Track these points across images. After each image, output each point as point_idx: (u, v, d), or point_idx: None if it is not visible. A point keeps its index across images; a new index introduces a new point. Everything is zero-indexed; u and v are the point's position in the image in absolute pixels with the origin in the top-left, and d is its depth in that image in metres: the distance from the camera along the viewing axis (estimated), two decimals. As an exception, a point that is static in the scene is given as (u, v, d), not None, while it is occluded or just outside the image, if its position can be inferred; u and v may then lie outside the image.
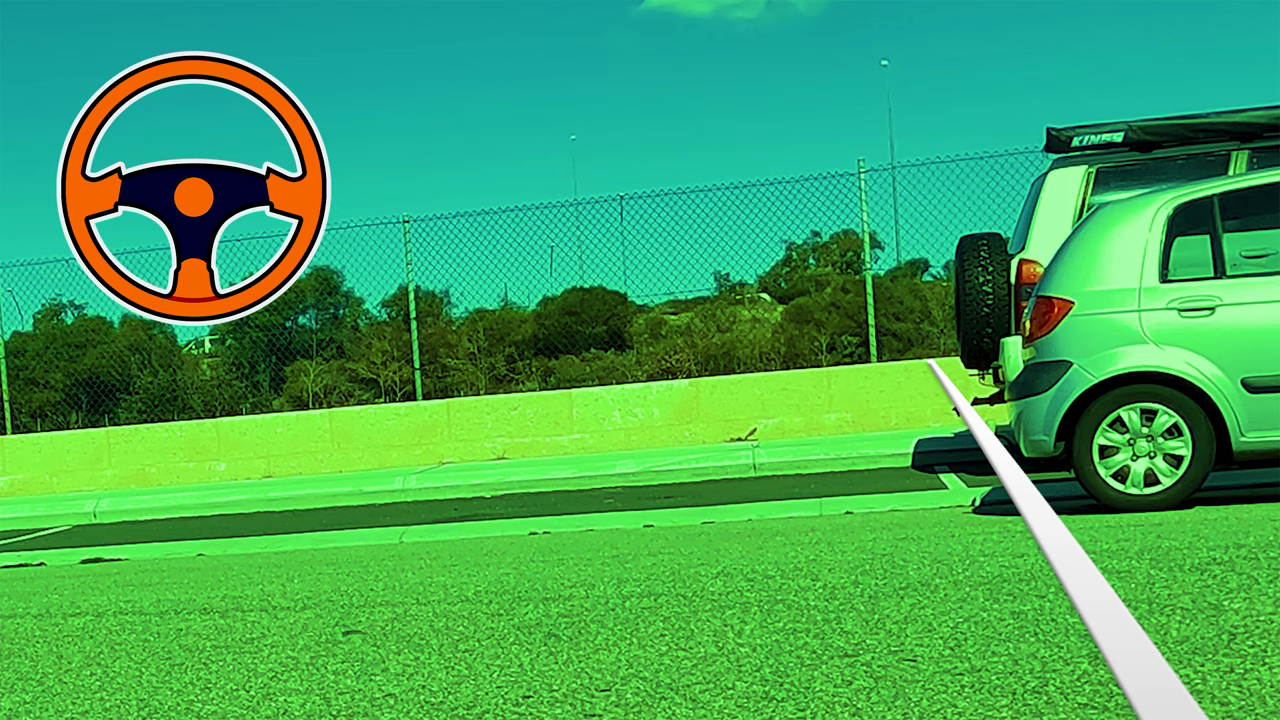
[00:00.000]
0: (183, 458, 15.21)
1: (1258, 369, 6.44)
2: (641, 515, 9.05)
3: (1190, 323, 6.54)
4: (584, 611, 4.65)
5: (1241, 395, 6.44)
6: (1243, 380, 6.44)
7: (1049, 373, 6.78)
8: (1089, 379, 6.61)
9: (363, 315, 24.27)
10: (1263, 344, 6.47)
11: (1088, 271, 6.79)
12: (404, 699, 3.43)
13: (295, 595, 5.95)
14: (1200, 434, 6.47)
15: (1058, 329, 6.79)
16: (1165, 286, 6.61)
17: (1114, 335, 6.62)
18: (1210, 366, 6.47)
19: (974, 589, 4.39)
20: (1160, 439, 6.54)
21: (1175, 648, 3.23)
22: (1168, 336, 6.55)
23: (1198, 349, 6.50)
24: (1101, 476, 6.61)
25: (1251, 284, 6.56)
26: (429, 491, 12.60)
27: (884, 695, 3.00)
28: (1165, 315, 6.56)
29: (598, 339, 22.53)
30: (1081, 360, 6.66)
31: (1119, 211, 6.97)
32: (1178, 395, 6.52)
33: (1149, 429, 6.56)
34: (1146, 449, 6.56)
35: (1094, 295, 6.72)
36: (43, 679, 4.23)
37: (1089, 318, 6.69)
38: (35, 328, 23.49)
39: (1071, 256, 6.97)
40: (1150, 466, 6.55)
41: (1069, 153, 8.66)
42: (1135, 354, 6.57)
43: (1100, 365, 6.60)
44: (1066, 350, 6.73)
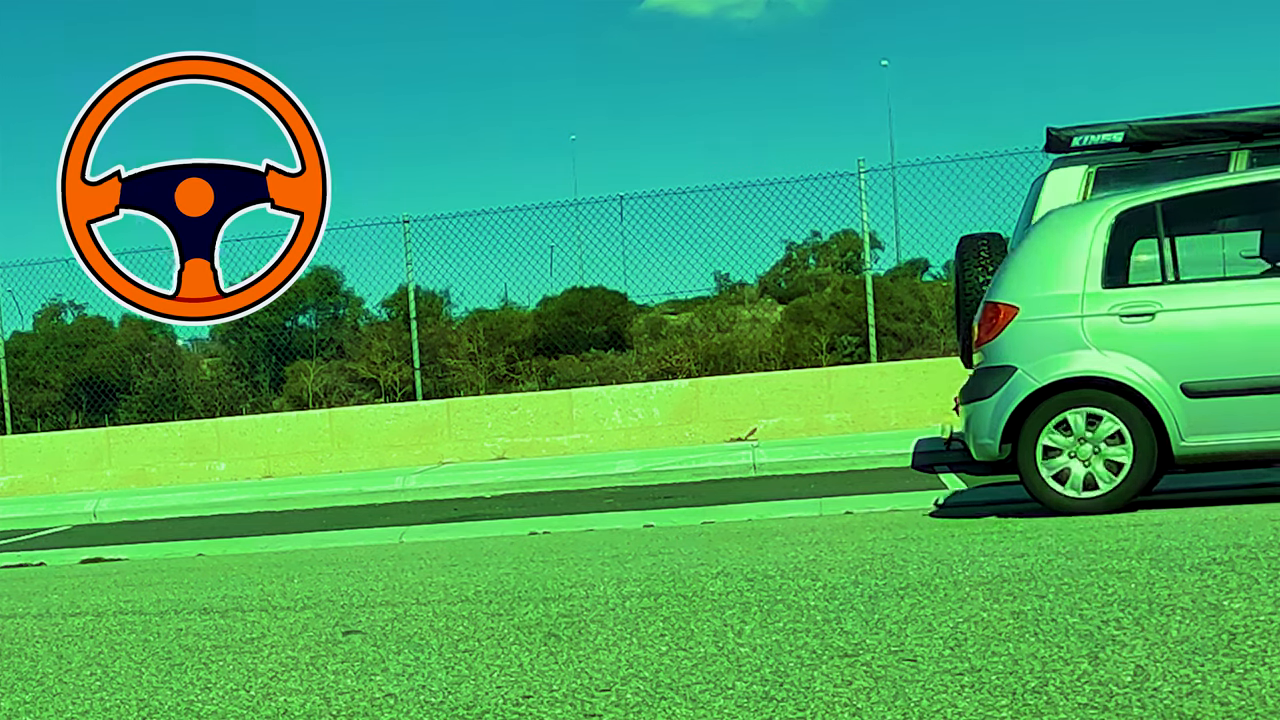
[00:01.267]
0: (183, 458, 15.20)
1: (1197, 374, 6.52)
2: (641, 515, 9.05)
3: (1131, 328, 6.62)
4: (584, 611, 4.65)
5: (1181, 400, 6.52)
6: (1182, 385, 6.53)
7: (995, 377, 6.89)
8: (1032, 384, 6.71)
9: (363, 315, 24.28)
10: (1202, 349, 6.54)
11: (1033, 278, 6.90)
12: (404, 699, 3.43)
13: (295, 595, 5.95)
14: (1141, 439, 6.56)
15: (1003, 334, 6.89)
16: (1108, 292, 6.70)
17: (1057, 340, 6.71)
18: (1151, 372, 6.55)
19: (974, 589, 4.39)
20: (1102, 444, 6.62)
21: (1175, 648, 3.23)
22: (1110, 342, 6.64)
23: (1139, 354, 6.58)
24: (1044, 479, 6.70)
25: (1191, 289, 6.65)
26: (429, 491, 12.60)
27: (884, 695, 3.00)
28: (1107, 321, 6.65)
29: (598, 339, 22.53)
30: (1026, 365, 6.76)
31: (1064, 218, 7.07)
32: (1119, 400, 6.60)
33: (1091, 433, 6.63)
34: (1088, 453, 6.65)
35: (1039, 301, 6.81)
36: (43, 679, 4.23)
37: (1033, 323, 6.79)
38: (35, 328, 23.49)
39: (1018, 263, 7.09)
40: (1091, 470, 6.63)
41: (1069, 153, 8.66)
42: (1077, 359, 6.66)
43: (1043, 370, 6.70)
44: (1012, 355, 6.83)
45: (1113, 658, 3.17)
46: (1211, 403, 6.51)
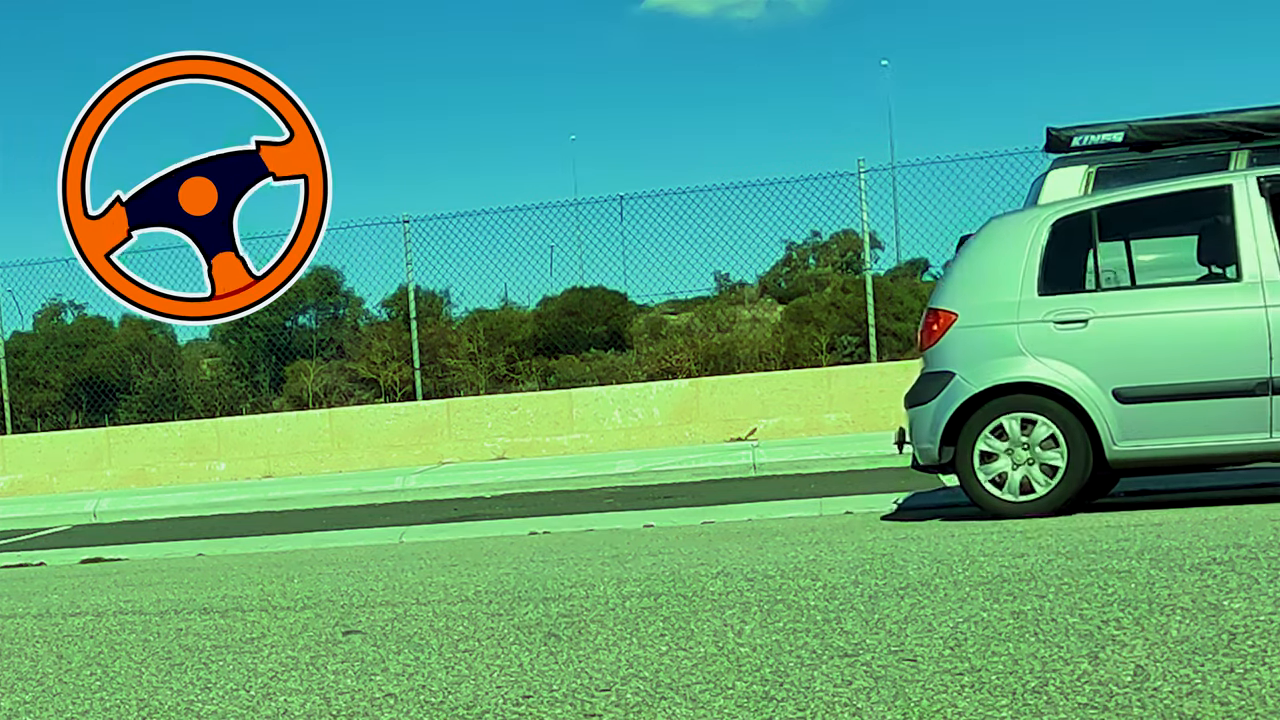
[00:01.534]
0: (183, 458, 15.20)
1: (1127, 380, 6.61)
2: (641, 515, 9.06)
3: (1065, 334, 6.72)
4: (584, 611, 4.65)
5: (1114, 405, 6.61)
6: (1114, 390, 6.62)
7: (935, 383, 7.00)
8: (969, 389, 6.82)
9: (363, 315, 24.26)
10: (1132, 355, 6.65)
11: (972, 285, 7.04)
12: (404, 699, 3.43)
13: (295, 595, 5.95)
14: (1075, 443, 6.65)
15: (942, 340, 7.02)
16: (1043, 299, 6.80)
17: (994, 347, 6.83)
18: (1084, 377, 6.64)
19: (974, 589, 4.39)
20: (1037, 448, 6.72)
21: (1175, 648, 3.23)
22: (1044, 348, 6.73)
23: (1072, 360, 6.68)
24: (981, 483, 6.81)
25: (1123, 296, 6.78)
26: (429, 491, 12.61)
27: (884, 695, 3.00)
28: (1042, 327, 6.75)
29: (598, 339, 22.52)
30: (964, 371, 6.88)
31: (1004, 226, 7.20)
32: (1053, 405, 6.69)
33: (1026, 438, 6.74)
34: (1024, 457, 6.74)
35: (977, 308, 6.94)
36: (43, 679, 4.23)
37: (971, 330, 6.92)
38: (35, 328, 23.48)
39: (959, 270, 7.25)
40: (1027, 474, 6.73)
41: (1069, 152, 8.65)
42: (1013, 365, 6.77)
43: (980, 376, 6.82)
44: (950, 361, 6.95)
45: (1113, 658, 3.17)
46: (1143, 408, 6.61)
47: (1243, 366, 6.45)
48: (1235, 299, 6.54)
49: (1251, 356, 6.44)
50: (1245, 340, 6.46)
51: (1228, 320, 6.54)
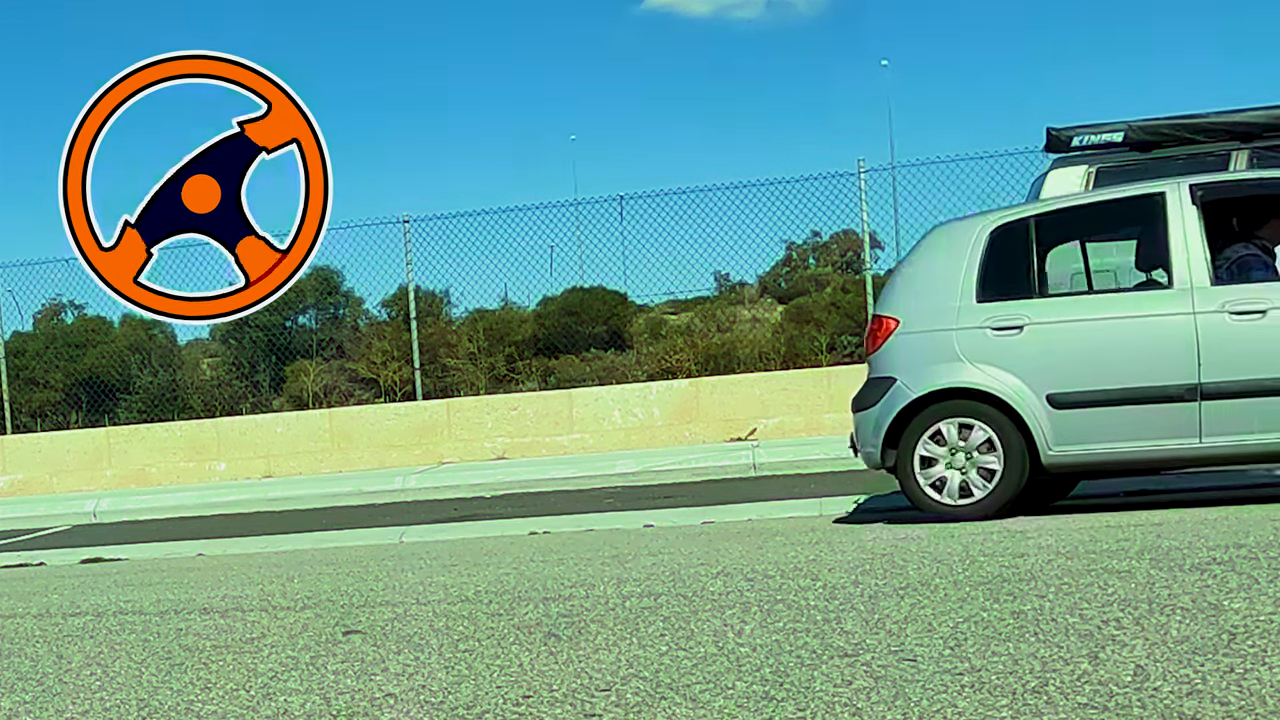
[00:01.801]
0: (183, 458, 15.20)
1: (1061, 386, 6.70)
2: (641, 515, 9.05)
3: (1001, 341, 6.82)
4: (584, 611, 4.65)
5: (1047, 411, 6.69)
6: (1048, 396, 6.70)
7: (877, 388, 7.13)
8: (909, 394, 6.93)
9: (363, 315, 24.24)
10: (1065, 361, 6.74)
11: (914, 291, 7.16)
12: (404, 699, 3.43)
13: (295, 595, 5.95)
14: (1011, 448, 6.73)
15: (885, 346, 7.14)
16: (981, 306, 6.90)
17: (933, 353, 6.94)
18: (1018, 383, 6.74)
19: (974, 589, 4.39)
20: (975, 452, 6.81)
21: (1175, 648, 3.23)
22: (981, 354, 6.84)
23: (1008, 366, 6.78)
24: (921, 487, 6.90)
25: (1058, 303, 6.87)
26: (429, 491, 12.60)
27: (884, 695, 3.00)
28: (979, 334, 6.86)
29: (598, 339, 22.50)
30: (904, 376, 6.99)
31: (945, 234, 7.32)
32: (989, 410, 6.79)
33: (964, 443, 6.83)
34: (962, 461, 6.84)
35: (918, 314, 7.06)
36: (43, 679, 4.23)
37: (912, 336, 7.03)
38: (35, 328, 23.47)
39: (901, 277, 7.40)
40: (965, 478, 6.82)
41: (1069, 152, 8.65)
42: (950, 371, 6.89)
43: (919, 381, 6.93)
44: (892, 367, 7.07)
45: (1113, 658, 3.17)
46: (1075, 413, 6.69)
47: (1172, 372, 6.53)
48: (1166, 305, 6.62)
49: (1181, 362, 6.51)
50: (1175, 346, 6.54)
51: (1158, 326, 6.62)
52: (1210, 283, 6.54)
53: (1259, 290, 6.52)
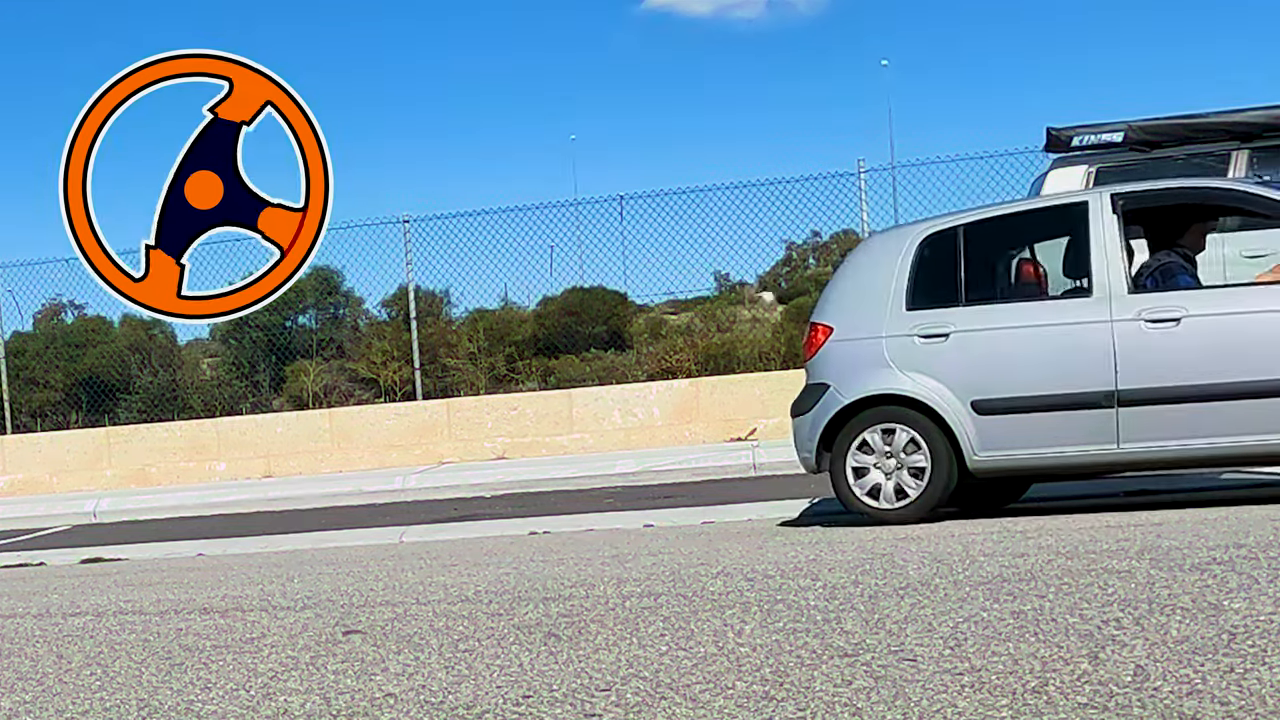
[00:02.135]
0: (183, 458, 15.20)
1: (984, 392, 6.85)
2: (641, 515, 9.06)
3: (928, 348, 6.99)
4: (584, 611, 4.65)
5: (972, 417, 6.85)
6: (972, 402, 6.86)
7: (812, 394, 7.29)
8: (841, 401, 7.12)
9: (363, 315, 24.25)
10: (988, 368, 6.88)
11: (847, 299, 7.34)
12: (404, 699, 3.43)
13: (295, 595, 5.95)
14: (938, 453, 6.88)
15: (820, 353, 7.32)
16: (910, 314, 7.07)
17: (864, 360, 7.11)
18: (944, 390, 6.90)
19: (974, 589, 4.39)
20: (903, 457, 6.98)
21: (1175, 648, 3.23)
22: (910, 361, 7.01)
23: (934, 373, 6.95)
24: (851, 490, 7.08)
25: (982, 311, 6.99)
26: (429, 491, 12.61)
27: (884, 695, 3.00)
28: (908, 341, 7.03)
29: (598, 339, 22.50)
30: (837, 383, 7.16)
31: (878, 242, 7.57)
32: (917, 417, 6.96)
33: (893, 448, 7.00)
34: (892, 466, 7.00)
35: (850, 322, 7.23)
36: (43, 679, 4.23)
37: (845, 343, 7.20)
38: (35, 328, 23.47)
39: (835, 285, 7.57)
40: (897, 483, 6.98)
41: (1069, 152, 8.66)
42: (880, 378, 7.06)
43: (850, 388, 7.11)
44: (826, 374, 7.25)
45: (1113, 658, 3.17)
46: (999, 419, 6.84)
47: (1091, 379, 6.63)
48: (1085, 313, 6.72)
49: (1099, 369, 6.62)
50: (1093, 353, 6.65)
51: (1077, 334, 6.73)
52: (1128, 291, 6.67)
53: (1174, 299, 6.63)
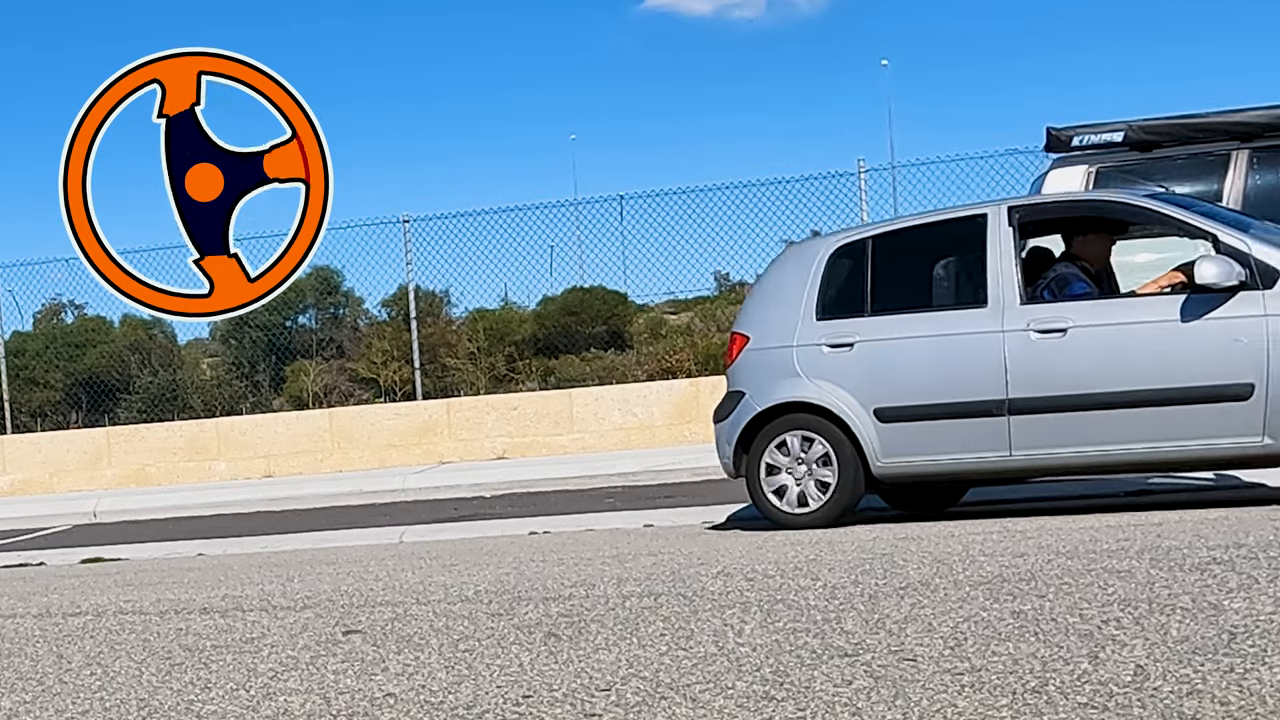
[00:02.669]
0: (183, 458, 15.20)
1: (886, 400, 7.02)
2: (641, 515, 9.05)
3: (834, 357, 7.18)
4: (584, 611, 4.65)
5: (875, 424, 7.02)
6: (875, 410, 7.03)
7: (731, 401, 7.49)
8: (755, 408, 7.30)
9: (363, 315, 24.27)
10: (889, 377, 7.07)
11: (763, 309, 7.55)
12: (404, 699, 3.43)
13: (295, 595, 5.95)
14: (845, 459, 7.06)
15: (737, 361, 7.54)
16: (820, 323, 7.25)
17: (776, 368, 7.30)
18: (850, 398, 7.08)
19: (974, 588, 4.39)
20: (813, 463, 7.15)
21: (1175, 648, 3.23)
22: (818, 370, 7.19)
23: (839, 381, 7.13)
24: (766, 495, 7.23)
25: (885, 320, 7.16)
26: (429, 491, 12.60)
27: (884, 695, 3.00)
28: (816, 350, 7.22)
29: (598, 339, 22.52)
30: (751, 390, 7.37)
31: (794, 254, 7.74)
32: (825, 424, 7.13)
33: (804, 454, 7.17)
34: (802, 472, 7.18)
35: (765, 331, 7.43)
36: (43, 679, 4.23)
37: (759, 352, 7.40)
38: (35, 328, 23.49)
39: (753, 295, 7.84)
40: (805, 488, 7.15)
41: (1069, 152, 8.65)
42: (791, 386, 7.24)
43: (763, 396, 7.30)
44: (742, 381, 7.46)
45: (1113, 657, 3.17)
46: (900, 427, 7.00)
47: (984, 388, 6.80)
48: (980, 323, 6.87)
49: (991, 378, 6.78)
50: (986, 363, 6.80)
51: (972, 343, 6.87)
52: (1020, 302, 6.80)
53: (1062, 309, 6.76)
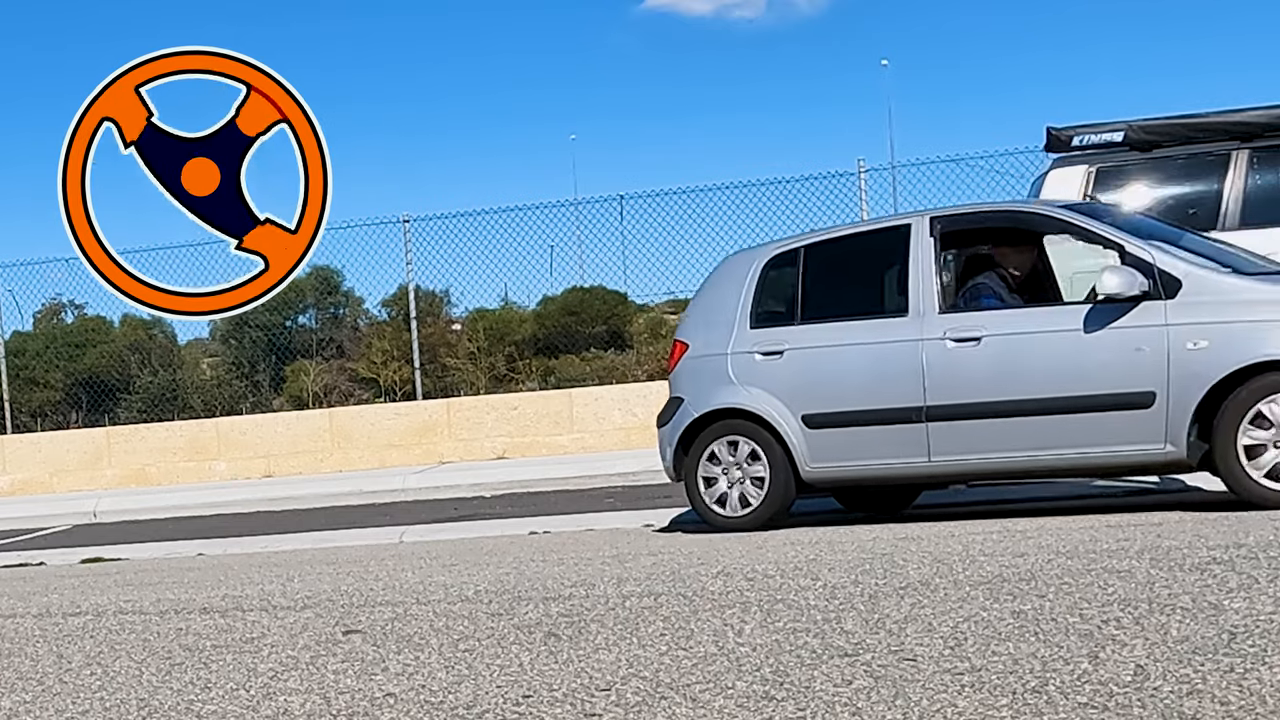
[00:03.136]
0: (183, 457, 15.20)
1: (813, 407, 7.18)
2: (641, 515, 9.05)
3: (766, 365, 7.34)
4: (584, 611, 4.65)
5: (803, 430, 7.19)
6: (803, 416, 7.19)
7: (671, 407, 7.68)
8: (692, 414, 7.49)
9: (363, 315, 24.27)
10: (816, 384, 7.22)
11: (701, 318, 7.75)
12: (404, 699, 3.43)
13: (295, 595, 5.95)
14: (776, 464, 7.22)
15: (677, 368, 7.72)
16: (753, 332, 7.43)
17: (712, 375, 7.48)
18: (780, 404, 7.24)
19: (974, 588, 4.39)
20: (746, 468, 7.32)
21: (1175, 648, 3.23)
22: (750, 377, 7.36)
23: (770, 388, 7.30)
24: (702, 499, 7.43)
25: (812, 329, 7.31)
26: (429, 491, 12.59)
27: (884, 695, 3.01)
28: (749, 358, 7.39)
29: (598, 339, 22.52)
30: (690, 397, 7.56)
31: (730, 263, 7.87)
32: (758, 430, 7.29)
33: (736, 459, 7.34)
34: (737, 476, 7.35)
35: (703, 339, 7.61)
36: (43, 679, 4.23)
37: (698, 359, 7.59)
38: (35, 327, 23.48)
39: (694, 304, 8.02)
40: (740, 492, 7.33)
41: (1069, 152, 8.65)
42: (725, 393, 7.41)
43: (700, 402, 7.48)
44: (682, 388, 7.66)
45: (1113, 657, 3.17)
46: (826, 433, 7.15)
47: (904, 395, 6.93)
48: (901, 332, 7.01)
49: (910, 386, 6.92)
50: (906, 370, 6.94)
51: (893, 351, 7.02)
52: (938, 311, 6.94)
53: (977, 318, 6.90)
